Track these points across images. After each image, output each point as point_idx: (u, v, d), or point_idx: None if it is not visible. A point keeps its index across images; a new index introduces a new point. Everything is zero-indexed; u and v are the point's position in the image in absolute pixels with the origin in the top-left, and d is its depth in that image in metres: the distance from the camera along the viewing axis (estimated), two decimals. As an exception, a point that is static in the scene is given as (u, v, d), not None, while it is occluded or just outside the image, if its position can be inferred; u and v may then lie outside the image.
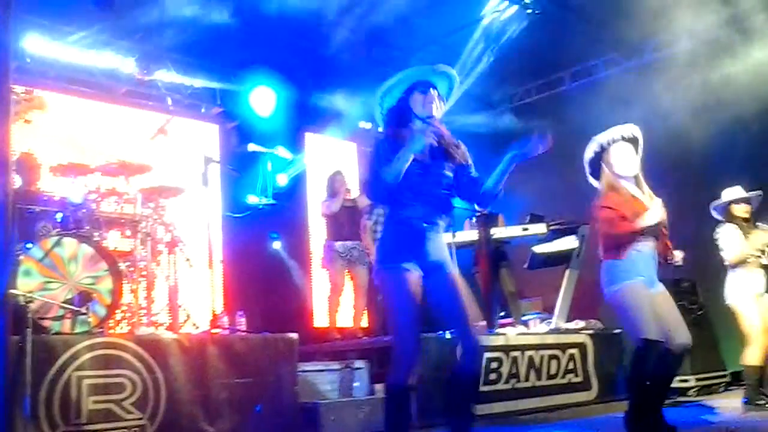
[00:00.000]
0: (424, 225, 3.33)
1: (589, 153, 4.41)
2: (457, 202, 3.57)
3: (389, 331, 3.36)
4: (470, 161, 3.49)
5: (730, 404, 6.02)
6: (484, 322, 6.34)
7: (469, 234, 7.26)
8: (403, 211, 3.33)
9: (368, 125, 10.18)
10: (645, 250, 4.18)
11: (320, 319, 8.48)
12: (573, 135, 7.76)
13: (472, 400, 3.42)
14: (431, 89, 3.44)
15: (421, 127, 3.31)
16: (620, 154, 4.29)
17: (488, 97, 10.20)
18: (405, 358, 3.24)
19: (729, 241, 5.67)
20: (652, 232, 4.20)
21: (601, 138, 4.35)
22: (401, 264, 3.26)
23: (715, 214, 5.87)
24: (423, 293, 3.31)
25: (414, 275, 3.27)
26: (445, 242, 3.44)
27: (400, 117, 3.46)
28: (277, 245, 8.68)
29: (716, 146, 7.39)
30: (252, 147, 8.43)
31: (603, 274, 4.26)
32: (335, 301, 7.23)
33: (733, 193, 5.79)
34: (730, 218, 5.76)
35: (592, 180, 4.46)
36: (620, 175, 4.28)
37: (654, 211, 4.13)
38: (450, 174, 3.43)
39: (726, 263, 5.72)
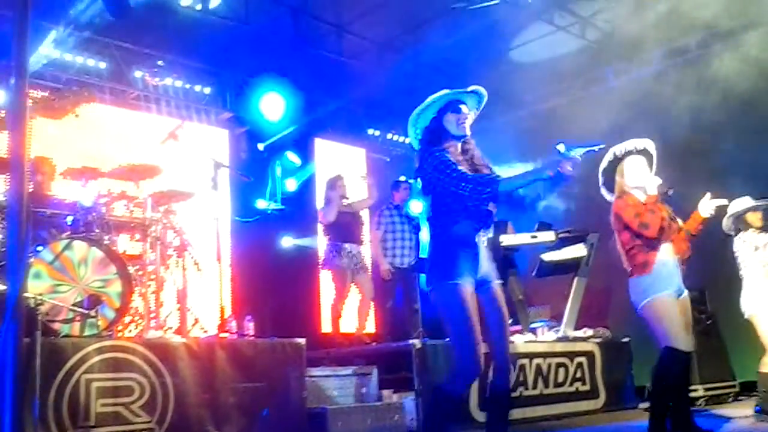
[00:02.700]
0: (476, 240, 3.45)
1: (603, 163, 4.49)
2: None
3: (452, 344, 3.47)
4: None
5: (740, 413, 5.98)
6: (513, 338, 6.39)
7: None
8: (456, 227, 3.43)
9: (377, 132, 10.23)
10: (668, 260, 4.25)
11: (328, 325, 8.48)
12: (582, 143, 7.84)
13: (507, 413, 3.56)
14: (463, 107, 3.55)
15: (555, 161, 3.28)
16: (633, 166, 4.39)
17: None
18: (465, 370, 3.39)
19: (751, 249, 5.61)
20: (666, 238, 4.28)
21: (616, 149, 4.44)
22: (458, 279, 3.37)
23: (726, 227, 5.78)
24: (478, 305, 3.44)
25: (470, 289, 3.39)
26: (489, 254, 3.54)
27: (434, 137, 3.55)
28: (287, 242, 8.75)
29: (726, 154, 7.36)
30: (262, 146, 8.52)
31: (631, 291, 4.34)
32: (339, 307, 7.20)
33: (743, 203, 5.72)
34: (747, 228, 5.69)
35: (604, 192, 4.54)
36: (631, 186, 4.38)
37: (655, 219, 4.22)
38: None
39: (742, 273, 5.64)
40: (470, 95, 3.60)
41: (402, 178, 8.03)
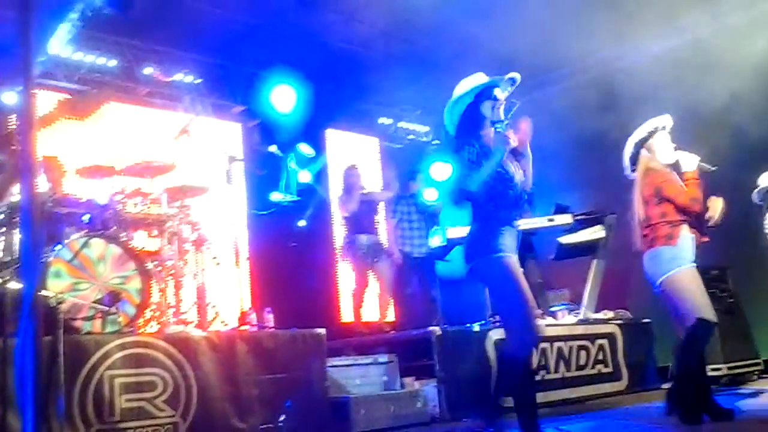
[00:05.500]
0: (515, 222, 3.65)
1: (641, 133, 4.45)
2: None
3: (507, 316, 3.67)
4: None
5: (765, 391, 5.93)
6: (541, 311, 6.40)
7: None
8: (502, 211, 3.60)
9: (389, 121, 10.19)
10: (689, 236, 4.23)
11: (347, 314, 8.49)
12: (596, 125, 7.77)
13: (530, 385, 3.71)
14: (497, 92, 3.62)
15: (499, 139, 3.53)
16: (663, 143, 4.42)
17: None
18: (525, 338, 3.55)
19: None
20: (693, 218, 4.26)
21: (657, 122, 4.44)
22: (502, 253, 3.53)
23: (755, 199, 5.71)
24: None
25: (514, 259, 3.57)
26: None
27: (472, 123, 3.65)
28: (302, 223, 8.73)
29: (746, 131, 7.25)
30: (272, 149, 8.49)
31: (653, 262, 4.24)
32: (360, 296, 7.23)
33: None
34: None
35: (627, 168, 4.50)
36: (663, 162, 4.39)
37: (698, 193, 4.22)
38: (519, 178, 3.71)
39: None
40: (506, 82, 3.66)
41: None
